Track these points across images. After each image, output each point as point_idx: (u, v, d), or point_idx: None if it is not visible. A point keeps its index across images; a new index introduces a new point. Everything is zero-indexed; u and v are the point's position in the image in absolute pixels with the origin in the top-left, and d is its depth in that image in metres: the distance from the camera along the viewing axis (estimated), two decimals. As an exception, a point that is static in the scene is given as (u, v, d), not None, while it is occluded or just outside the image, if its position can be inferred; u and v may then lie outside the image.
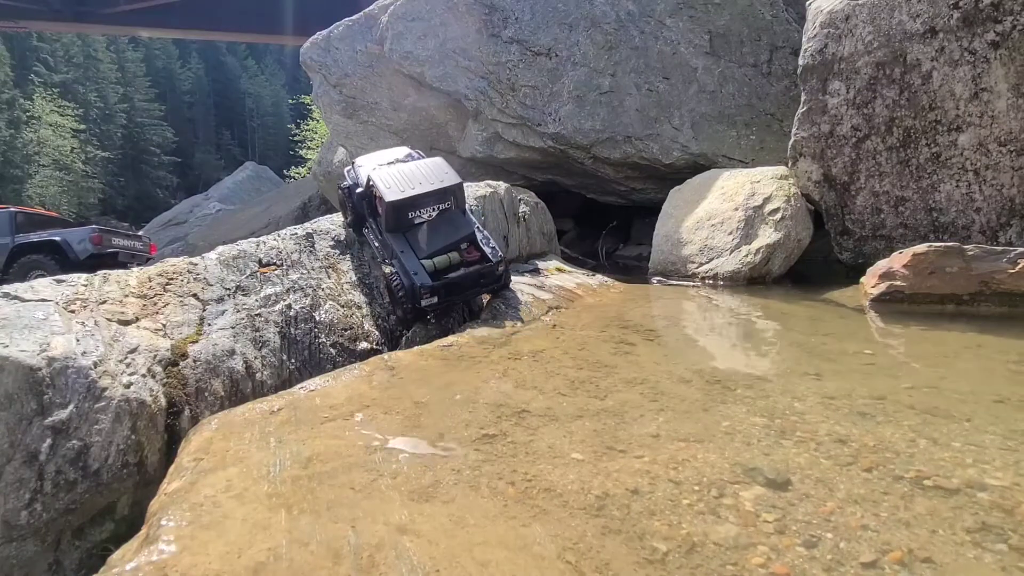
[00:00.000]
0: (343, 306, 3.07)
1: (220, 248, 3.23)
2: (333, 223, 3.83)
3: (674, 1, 7.25)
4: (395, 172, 3.29)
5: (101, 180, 38.93)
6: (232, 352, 2.47)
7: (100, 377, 1.97)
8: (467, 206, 3.41)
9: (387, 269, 3.05)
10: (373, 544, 1.16)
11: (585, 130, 7.32)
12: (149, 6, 20.51)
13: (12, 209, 9.79)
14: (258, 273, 3.06)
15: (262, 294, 2.90)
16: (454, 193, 3.26)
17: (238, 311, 2.73)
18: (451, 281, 2.97)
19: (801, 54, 4.83)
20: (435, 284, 2.91)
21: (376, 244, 3.33)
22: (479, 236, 3.22)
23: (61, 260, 8.91)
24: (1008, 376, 2.16)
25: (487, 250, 3.16)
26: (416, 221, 3.17)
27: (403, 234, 3.14)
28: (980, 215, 3.97)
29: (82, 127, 37.62)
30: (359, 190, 3.47)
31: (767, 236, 4.72)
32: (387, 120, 9.30)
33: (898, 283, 3.41)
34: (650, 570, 1.08)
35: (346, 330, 2.93)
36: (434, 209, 3.19)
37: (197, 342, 2.44)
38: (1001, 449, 1.49)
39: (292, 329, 2.77)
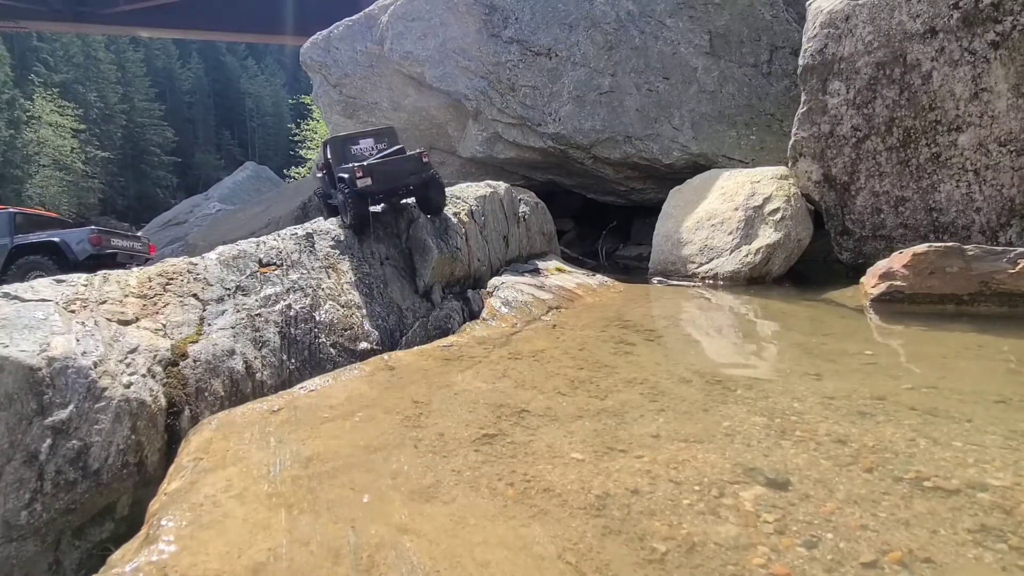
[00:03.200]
0: (343, 306, 3.07)
1: (220, 248, 3.24)
2: (333, 223, 3.84)
3: (674, 1, 7.25)
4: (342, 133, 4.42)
5: (101, 180, 38.88)
6: (232, 352, 2.47)
7: (100, 377, 1.97)
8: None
9: (340, 195, 3.87)
10: (373, 544, 1.16)
11: (585, 130, 7.32)
12: (149, 6, 20.48)
13: (11, 210, 9.77)
14: (258, 273, 3.06)
15: (262, 294, 2.90)
16: (387, 135, 4.31)
17: (238, 311, 2.73)
18: (379, 166, 3.77)
19: (801, 54, 4.83)
20: (364, 165, 3.67)
21: (336, 194, 4.11)
22: (408, 152, 4.09)
23: (60, 261, 8.88)
24: (1008, 376, 2.15)
25: (412, 153, 4.01)
26: (358, 157, 4.06)
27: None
28: (980, 215, 3.97)
29: (82, 127, 37.56)
30: (321, 162, 4.42)
31: (767, 236, 4.72)
32: (387, 120, 9.30)
33: (898, 283, 3.41)
34: (650, 570, 1.08)
35: (346, 330, 2.93)
36: (373, 148, 4.17)
37: (197, 342, 2.45)
38: (1001, 449, 1.49)
39: (292, 329, 2.77)
